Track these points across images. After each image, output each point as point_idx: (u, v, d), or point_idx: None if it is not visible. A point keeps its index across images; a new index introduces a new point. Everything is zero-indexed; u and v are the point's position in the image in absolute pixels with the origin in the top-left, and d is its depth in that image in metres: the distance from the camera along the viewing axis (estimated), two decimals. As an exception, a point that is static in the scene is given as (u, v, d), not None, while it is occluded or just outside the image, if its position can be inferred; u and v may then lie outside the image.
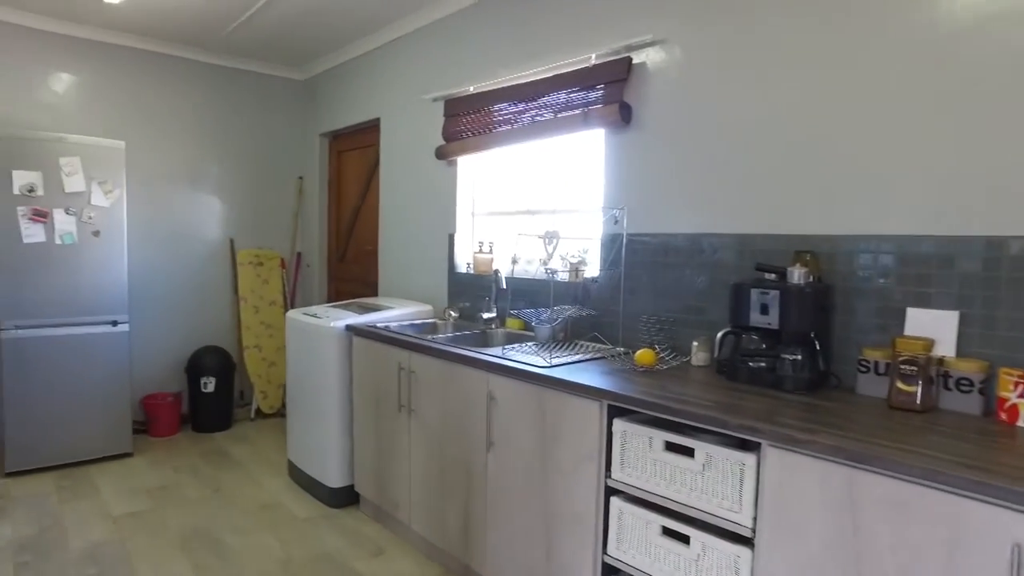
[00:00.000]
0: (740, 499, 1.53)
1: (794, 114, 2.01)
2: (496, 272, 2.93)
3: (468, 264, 3.32)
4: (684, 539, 1.66)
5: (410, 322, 3.09)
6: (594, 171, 2.70)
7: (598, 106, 2.53)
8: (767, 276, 1.93)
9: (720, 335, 2.00)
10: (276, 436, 4.16)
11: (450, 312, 3.20)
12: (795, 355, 1.83)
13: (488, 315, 2.94)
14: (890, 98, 1.81)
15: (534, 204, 3.03)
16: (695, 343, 2.16)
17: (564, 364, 2.11)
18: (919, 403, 1.61)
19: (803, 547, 1.42)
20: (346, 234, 4.51)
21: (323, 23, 3.73)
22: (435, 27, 3.47)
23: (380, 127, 3.97)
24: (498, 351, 2.31)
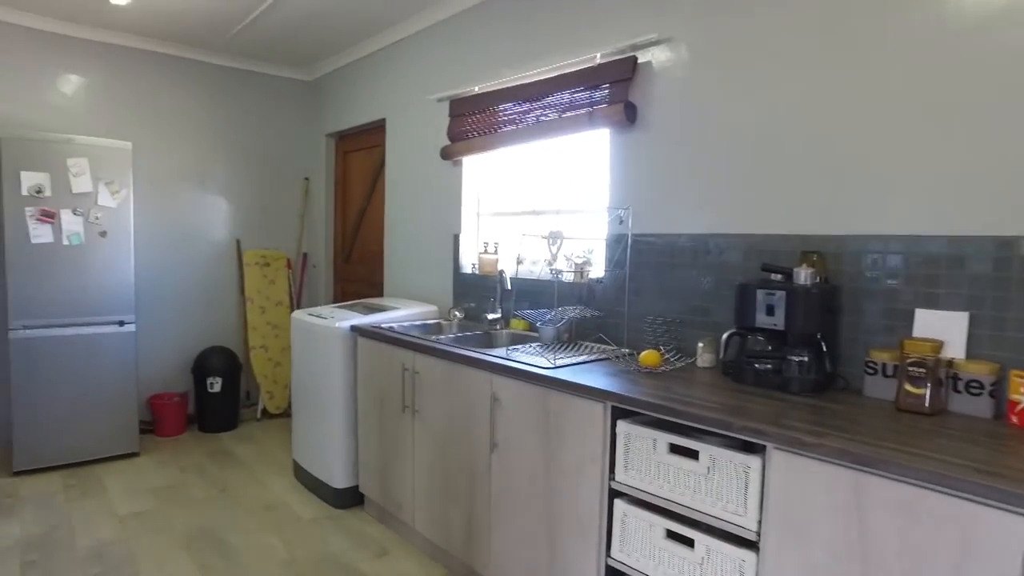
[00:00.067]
0: (745, 502, 1.51)
1: (801, 113, 1.99)
2: (501, 273, 2.92)
3: (473, 265, 3.31)
4: (688, 542, 1.64)
5: (415, 323, 3.08)
6: (599, 171, 2.68)
7: (603, 106, 2.51)
8: (773, 277, 1.91)
9: (725, 336, 1.99)
10: (282, 436, 4.16)
11: (455, 313, 3.19)
12: (801, 357, 1.81)
13: (493, 316, 2.93)
14: (898, 96, 1.78)
15: (539, 204, 3.02)
16: (700, 344, 2.14)
17: (568, 365, 2.10)
18: (928, 406, 1.59)
19: (809, 552, 1.40)
20: (352, 235, 4.51)
21: (327, 25, 3.74)
22: (440, 27, 3.47)
23: (386, 127, 3.97)
24: (502, 352, 2.30)
